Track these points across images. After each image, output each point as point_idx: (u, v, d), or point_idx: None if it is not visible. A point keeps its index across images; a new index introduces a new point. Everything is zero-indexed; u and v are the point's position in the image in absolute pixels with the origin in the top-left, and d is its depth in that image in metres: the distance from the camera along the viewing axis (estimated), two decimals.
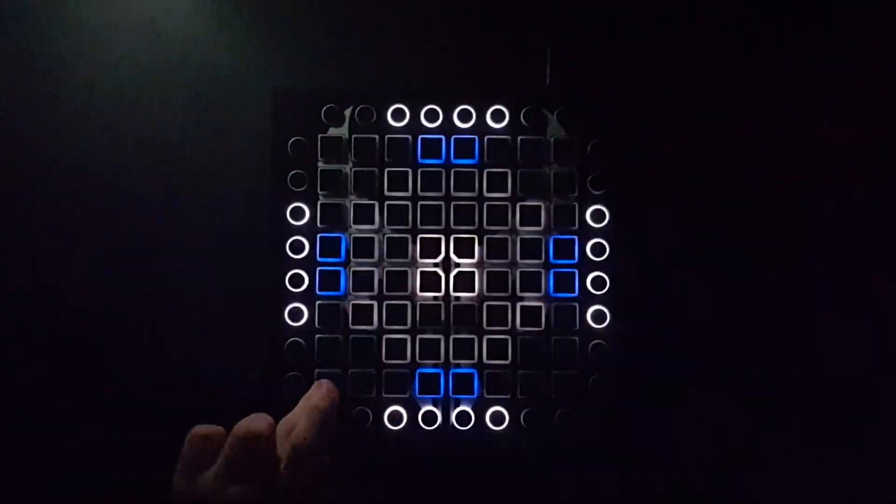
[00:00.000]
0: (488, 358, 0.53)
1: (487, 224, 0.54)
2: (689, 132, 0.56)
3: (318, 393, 0.49)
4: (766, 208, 0.56)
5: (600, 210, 0.54)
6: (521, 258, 0.53)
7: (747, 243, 0.56)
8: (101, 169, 0.56)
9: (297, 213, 0.53)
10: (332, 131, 0.54)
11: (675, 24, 0.57)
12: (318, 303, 0.53)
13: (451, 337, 0.53)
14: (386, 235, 0.54)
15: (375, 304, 0.53)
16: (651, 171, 0.56)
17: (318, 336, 0.53)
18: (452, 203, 0.54)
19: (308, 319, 0.53)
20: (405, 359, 0.53)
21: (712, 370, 0.55)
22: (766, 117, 0.56)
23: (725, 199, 0.56)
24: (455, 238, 0.54)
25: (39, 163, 0.56)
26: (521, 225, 0.54)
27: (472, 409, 0.53)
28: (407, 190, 0.54)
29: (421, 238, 0.54)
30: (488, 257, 0.53)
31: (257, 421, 0.44)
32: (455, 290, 0.53)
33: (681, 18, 0.57)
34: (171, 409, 0.48)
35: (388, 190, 0.54)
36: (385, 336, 0.53)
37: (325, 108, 0.54)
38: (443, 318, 0.53)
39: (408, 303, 0.53)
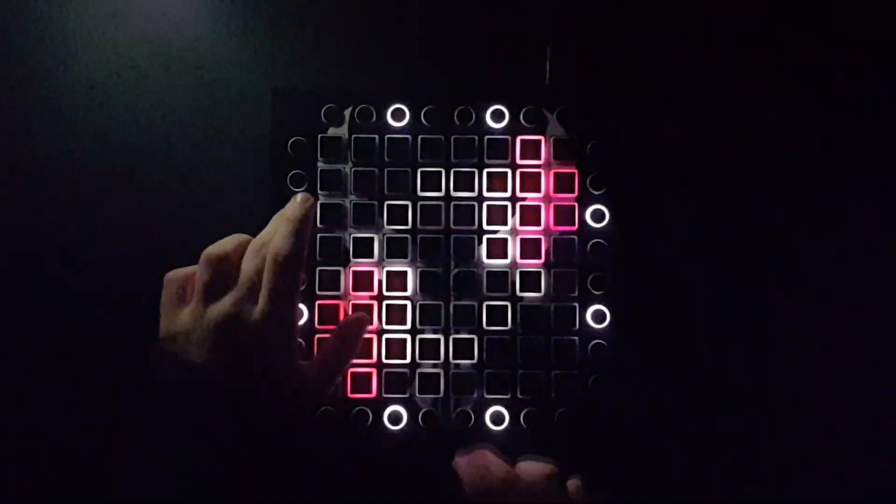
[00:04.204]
0: (488, 358, 0.53)
1: (487, 224, 0.54)
2: (689, 132, 0.56)
3: (292, 206, 0.48)
4: (768, 208, 0.56)
5: (600, 210, 0.53)
6: (521, 258, 0.53)
7: (748, 242, 0.56)
8: (101, 169, 0.56)
9: None
10: (332, 131, 0.54)
11: (675, 23, 0.57)
12: (317, 302, 0.53)
13: (451, 337, 0.53)
14: (386, 235, 0.54)
15: (375, 304, 0.53)
16: (651, 171, 0.56)
17: (318, 336, 0.53)
18: (452, 203, 0.54)
19: (308, 319, 0.53)
20: (405, 359, 0.53)
21: (713, 370, 0.55)
22: (766, 117, 0.56)
23: (726, 199, 0.56)
24: (455, 238, 0.54)
25: (39, 163, 0.56)
26: (521, 225, 0.54)
27: (472, 409, 0.53)
28: (407, 190, 0.54)
29: (421, 238, 0.54)
30: (488, 257, 0.53)
31: (224, 242, 0.47)
32: (455, 291, 0.53)
33: (681, 18, 0.57)
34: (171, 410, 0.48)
35: (388, 190, 0.54)
36: (385, 336, 0.53)
37: (325, 108, 0.54)
38: (443, 318, 0.53)
39: (407, 303, 0.53)
